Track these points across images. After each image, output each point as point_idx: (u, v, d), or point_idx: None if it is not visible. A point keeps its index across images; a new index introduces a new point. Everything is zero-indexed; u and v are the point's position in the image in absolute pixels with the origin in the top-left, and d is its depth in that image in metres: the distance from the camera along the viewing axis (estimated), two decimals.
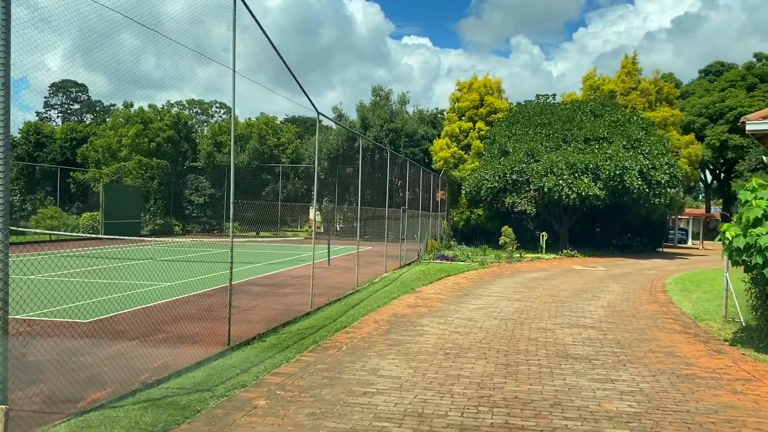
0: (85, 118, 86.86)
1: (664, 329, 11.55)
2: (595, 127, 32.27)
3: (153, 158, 42.15)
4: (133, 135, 42.20)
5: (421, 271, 20.66)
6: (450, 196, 37.27)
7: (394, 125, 39.70)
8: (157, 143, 42.81)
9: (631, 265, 27.71)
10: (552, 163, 30.82)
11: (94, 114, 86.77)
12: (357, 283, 16.72)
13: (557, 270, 23.72)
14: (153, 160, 41.96)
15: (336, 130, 41.14)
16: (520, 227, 37.36)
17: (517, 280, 19.70)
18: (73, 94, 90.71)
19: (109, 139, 43.49)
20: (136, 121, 43.24)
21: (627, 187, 30.19)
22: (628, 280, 20.48)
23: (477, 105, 37.11)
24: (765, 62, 58.98)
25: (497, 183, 32.25)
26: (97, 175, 42.47)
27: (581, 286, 18.29)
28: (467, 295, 15.76)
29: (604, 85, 36.83)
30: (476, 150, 35.78)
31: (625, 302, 15.19)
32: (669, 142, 33.07)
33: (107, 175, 41.60)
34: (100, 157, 43.59)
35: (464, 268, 22.44)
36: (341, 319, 11.67)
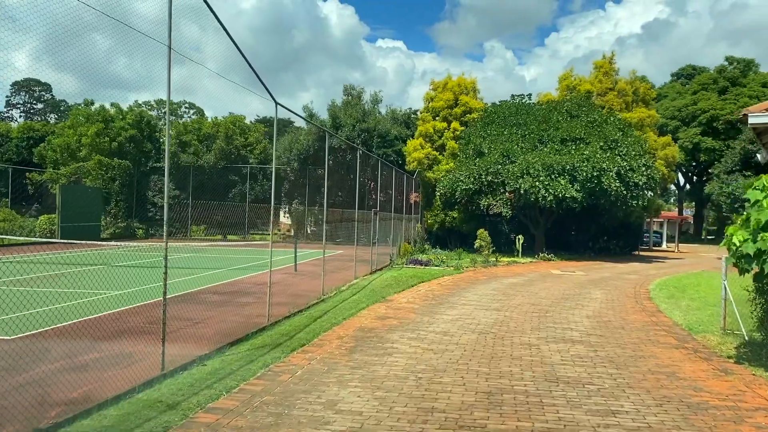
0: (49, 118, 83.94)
1: (659, 343, 10.41)
2: (571, 127, 31.38)
3: (114, 158, 40.19)
4: (93, 134, 40.18)
5: (393, 278, 19.36)
6: (424, 198, 36.09)
7: (367, 125, 38.39)
8: (119, 143, 40.84)
9: (610, 269, 26.80)
10: (528, 164, 29.83)
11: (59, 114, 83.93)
12: (323, 291, 15.34)
13: (535, 275, 22.64)
14: (114, 161, 39.99)
15: (307, 129, 39.67)
16: (496, 230, 36.36)
17: (495, 286, 18.53)
18: (36, 93, 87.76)
19: (67, 138, 41.38)
20: (96, 120, 41.21)
21: (604, 188, 29.33)
22: (610, 286, 19.45)
23: (451, 105, 36.01)
24: (736, 65, 59.15)
25: (472, 184, 31.16)
26: (54, 176, 40.33)
27: (562, 293, 17.17)
28: (442, 304, 14.50)
29: (580, 85, 36.04)
30: (451, 150, 34.66)
31: (611, 311, 14.08)
32: (646, 143, 32.35)
33: (65, 175, 39.52)
34: (58, 157, 41.45)
35: (439, 274, 21.21)
36: (300, 335, 10.30)
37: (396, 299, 15.01)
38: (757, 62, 58.88)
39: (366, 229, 24.13)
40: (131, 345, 9.06)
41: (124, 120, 41.99)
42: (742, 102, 55.20)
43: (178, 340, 9.39)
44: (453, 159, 34.38)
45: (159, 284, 16.74)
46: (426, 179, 35.01)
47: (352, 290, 16.33)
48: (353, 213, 28.32)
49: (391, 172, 27.79)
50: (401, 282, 18.25)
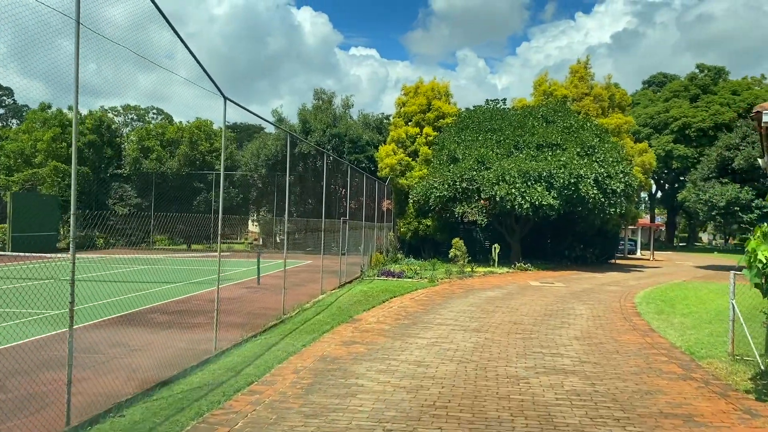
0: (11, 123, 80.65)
1: (662, 373, 9.08)
2: (547, 133, 30.31)
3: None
4: (50, 139, 37.95)
5: (362, 292, 17.84)
6: (397, 206, 34.68)
7: (337, 130, 36.88)
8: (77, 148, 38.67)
9: (589, 279, 25.66)
10: (504, 171, 28.63)
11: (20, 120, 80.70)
12: (283, 310, 13.76)
13: (513, 287, 21.34)
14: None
15: (275, 134, 37.99)
16: (471, 239, 35.12)
17: (472, 301, 17.13)
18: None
19: (22, 143, 39.05)
20: (53, 124, 38.95)
21: (582, 196, 28.26)
22: (593, 300, 18.21)
23: (424, 109, 34.72)
24: (707, 73, 59.15)
25: (446, 191, 29.85)
26: (6, 183, 37.93)
27: (545, 309, 15.84)
28: (415, 323, 13.03)
29: (556, 90, 35.05)
30: (424, 156, 33.34)
31: (600, 330, 12.77)
32: (623, 149, 31.44)
33: (17, 182, 37.19)
34: (11, 163, 39.07)
35: (412, 287, 19.76)
36: (249, 369, 8.73)
37: (365, 318, 13.50)
38: (727, 70, 59.01)
39: (336, 238, 22.60)
40: (44, 384, 7.40)
41: (83, 124, 39.80)
42: (713, 109, 55.14)
43: (99, 377, 7.77)
44: (426, 165, 33.07)
45: (101, 302, 14.97)
46: (399, 186, 33.63)
47: (317, 308, 14.77)
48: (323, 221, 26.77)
49: (361, 179, 26.32)
50: (371, 297, 16.73)
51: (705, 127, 54.00)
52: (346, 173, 27.13)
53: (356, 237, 24.65)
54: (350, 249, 25.02)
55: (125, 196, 39.47)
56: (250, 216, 45.02)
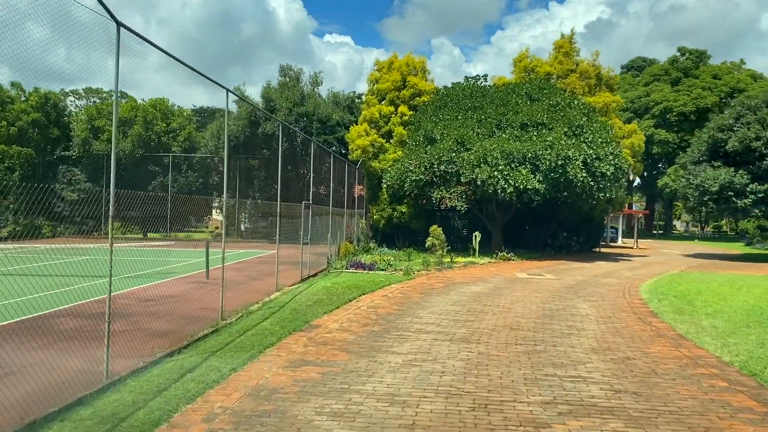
0: None
1: (736, 412, 6.40)
2: (532, 111, 27.66)
3: (13, 146, 34.30)
4: None
5: (326, 288, 14.95)
6: (369, 191, 31.81)
7: (305, 109, 33.76)
8: (19, 128, 34.93)
9: (579, 270, 23.17)
10: (485, 152, 25.93)
11: None
12: (221, 313, 10.82)
13: (499, 279, 18.68)
14: (13, 148, 34.13)
15: (237, 113, 34.72)
16: (448, 226, 32.46)
17: (455, 298, 14.39)
18: None
19: None
20: None
21: (570, 179, 25.73)
22: (594, 295, 15.61)
23: (399, 86, 31.81)
24: (689, 56, 57.19)
25: (423, 175, 27.06)
26: None
27: (542, 308, 13.17)
28: (388, 331, 10.22)
29: (539, 67, 32.43)
30: (399, 137, 30.47)
31: (619, 338, 10.12)
32: (612, 129, 28.98)
33: None
34: None
35: (384, 281, 16.93)
36: (141, 413, 5.81)
37: (324, 324, 10.64)
38: (708, 53, 57.08)
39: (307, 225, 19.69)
40: None
41: (27, 102, 36.04)
42: (695, 93, 53.25)
43: None
44: (401, 147, 30.23)
45: (8, 302, 11.89)
46: (371, 170, 30.73)
47: (267, 310, 11.85)
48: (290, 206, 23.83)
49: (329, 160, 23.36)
50: (336, 295, 13.86)
51: (687, 111, 52.07)
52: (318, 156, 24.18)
53: (323, 224, 21.74)
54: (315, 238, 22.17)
55: (74, 180, 35.86)
56: (213, 202, 41.74)
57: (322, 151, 23.69)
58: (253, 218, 39.10)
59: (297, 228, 26.07)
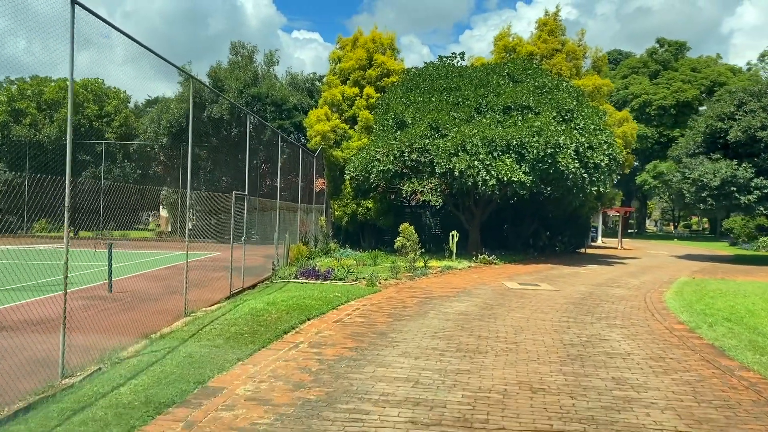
0: None
1: None
2: (516, 93, 23.79)
3: None
4: None
5: (254, 313, 10.63)
6: (331, 184, 27.58)
7: (258, 90, 29.29)
8: None
9: (575, 277, 19.38)
10: (464, 138, 21.98)
11: None
12: (61, 368, 6.49)
13: (486, 292, 14.69)
14: None
15: (178, 95, 30.04)
16: (420, 225, 28.47)
17: (436, 324, 10.30)
18: None
19: None
20: None
21: (561, 170, 21.94)
22: (615, 316, 11.73)
23: (364, 65, 27.63)
24: (668, 48, 54.29)
25: (392, 164, 22.97)
26: None
27: (560, 342, 9.19)
28: (332, 403, 6.06)
29: (521, 47, 28.62)
30: (364, 122, 26.30)
31: (711, 409, 6.16)
32: (605, 115, 25.34)
33: None
34: None
35: (341, 297, 12.73)
36: None
37: (228, 389, 6.40)
38: (688, 45, 54.28)
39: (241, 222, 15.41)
40: None
41: None
42: (675, 87, 50.35)
43: None
44: (367, 134, 26.08)
45: None
46: (332, 159, 26.50)
47: (147, 356, 7.51)
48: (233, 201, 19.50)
49: (281, 145, 19.05)
50: (266, 324, 9.59)
51: (667, 105, 49.09)
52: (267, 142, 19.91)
53: (267, 221, 17.50)
54: (255, 237, 17.97)
55: None
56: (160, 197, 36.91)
57: (269, 133, 19.37)
58: (202, 215, 34.45)
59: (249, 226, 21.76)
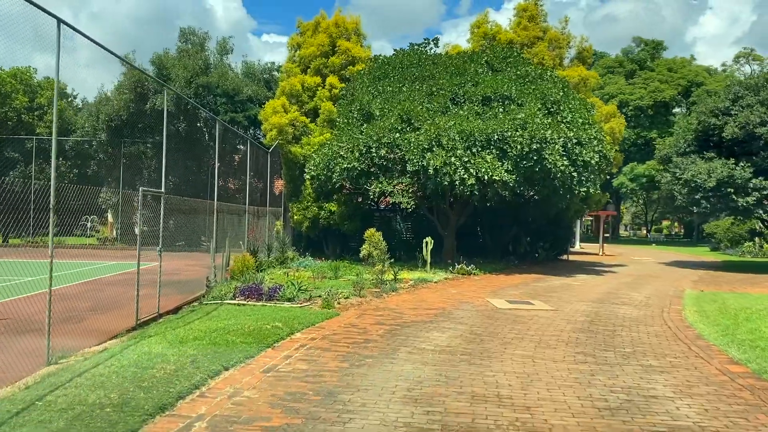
0: None
1: None
2: (497, 82, 20.93)
3: None
4: None
5: (145, 359, 7.28)
6: (289, 184, 24.35)
7: (207, 80, 25.89)
8: None
9: (566, 291, 16.56)
10: (438, 132, 19.04)
11: None
12: None
13: (470, 313, 11.69)
14: None
15: (119, 83, 26.46)
16: (389, 230, 25.43)
17: (408, 372, 7.21)
18: None
19: None
20: None
21: (547, 168, 19.15)
22: (645, 351, 8.84)
23: (327, 52, 24.51)
24: (644, 47, 52.42)
25: (357, 162, 19.89)
26: None
27: (594, 409, 6.19)
28: None
29: (500, 34, 25.85)
30: (327, 115, 23.16)
31: None
32: (594, 108, 22.70)
33: None
34: None
35: (281, 328, 9.52)
36: None
37: None
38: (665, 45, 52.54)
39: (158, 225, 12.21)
40: None
41: None
42: (653, 87, 48.41)
43: None
44: (330, 128, 22.95)
45: None
46: (291, 156, 23.29)
47: None
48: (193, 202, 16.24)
49: (219, 137, 15.81)
50: (153, 383, 6.29)
51: (644, 105, 47.08)
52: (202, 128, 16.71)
53: (199, 225, 14.28)
54: (192, 244, 14.82)
55: None
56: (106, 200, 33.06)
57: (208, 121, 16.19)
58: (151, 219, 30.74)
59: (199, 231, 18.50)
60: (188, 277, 15.77)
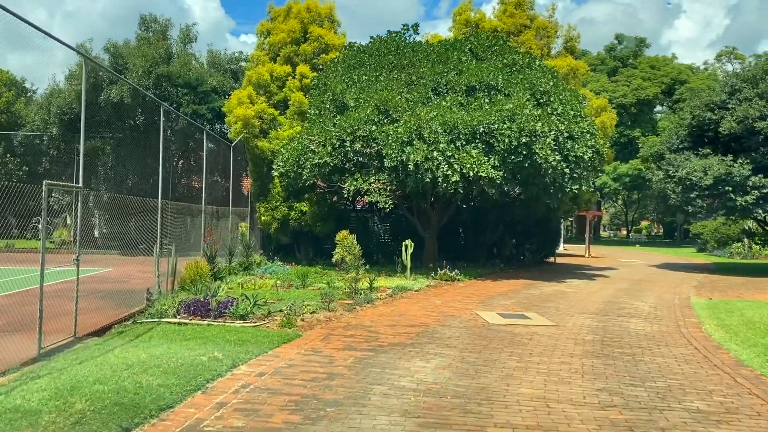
0: None
1: None
2: (482, 70, 19.04)
3: None
4: None
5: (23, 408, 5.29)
6: (256, 182, 22.19)
7: (167, 69, 23.61)
8: None
9: (563, 299, 14.73)
10: (419, 123, 17.10)
11: None
12: None
13: (459, 332, 9.74)
14: None
15: (70, 72, 24.03)
16: (367, 231, 23.56)
17: (383, 430, 5.21)
18: None
19: None
20: None
21: (538, 164, 17.32)
22: (686, 383, 6.96)
23: (298, 39, 22.44)
24: (626, 45, 51.14)
25: (330, 157, 17.87)
26: None
27: None
28: None
29: (484, 21, 24.01)
30: (297, 107, 21.09)
31: None
32: (586, 99, 20.98)
33: None
34: None
35: (221, 360, 7.47)
36: None
37: None
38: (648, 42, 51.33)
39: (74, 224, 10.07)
40: None
41: None
42: (635, 84, 47.11)
43: None
44: (300, 120, 20.88)
45: None
46: (258, 152, 21.16)
47: None
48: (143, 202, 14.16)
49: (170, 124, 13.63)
50: None
51: (627, 103, 45.77)
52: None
53: (145, 226, 12.21)
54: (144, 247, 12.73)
55: None
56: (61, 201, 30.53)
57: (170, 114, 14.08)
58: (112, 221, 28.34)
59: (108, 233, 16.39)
60: (134, 286, 13.63)
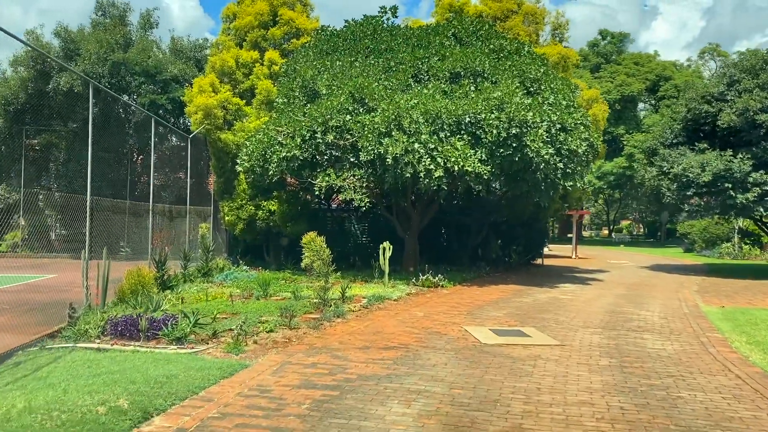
0: None
1: None
2: (467, 56, 17.25)
3: None
4: None
5: None
6: (220, 179, 20.13)
7: (123, 56, 21.45)
8: None
9: (560, 308, 13.00)
10: (399, 112, 15.26)
11: None
12: None
13: (446, 357, 7.91)
14: None
15: (13, 58, 21.73)
16: (343, 233, 21.70)
17: None
18: None
19: None
20: None
21: (529, 158, 15.57)
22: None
23: (266, 22, 20.46)
24: (610, 41, 49.91)
25: (299, 150, 15.95)
26: None
27: None
28: None
29: (468, 6, 22.27)
30: (265, 96, 19.10)
31: None
32: (578, 89, 19.34)
33: None
34: None
35: (125, 412, 5.54)
36: None
37: None
38: (632, 37, 50.24)
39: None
40: None
41: None
42: (619, 80, 45.88)
43: None
44: (268, 111, 18.91)
45: None
46: (221, 145, 19.12)
47: None
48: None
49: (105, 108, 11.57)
50: None
51: (611, 99, 44.48)
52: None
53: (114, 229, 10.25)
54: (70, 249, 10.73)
55: None
56: None
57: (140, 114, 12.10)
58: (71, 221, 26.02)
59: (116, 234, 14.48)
60: (72, 297, 11.56)
